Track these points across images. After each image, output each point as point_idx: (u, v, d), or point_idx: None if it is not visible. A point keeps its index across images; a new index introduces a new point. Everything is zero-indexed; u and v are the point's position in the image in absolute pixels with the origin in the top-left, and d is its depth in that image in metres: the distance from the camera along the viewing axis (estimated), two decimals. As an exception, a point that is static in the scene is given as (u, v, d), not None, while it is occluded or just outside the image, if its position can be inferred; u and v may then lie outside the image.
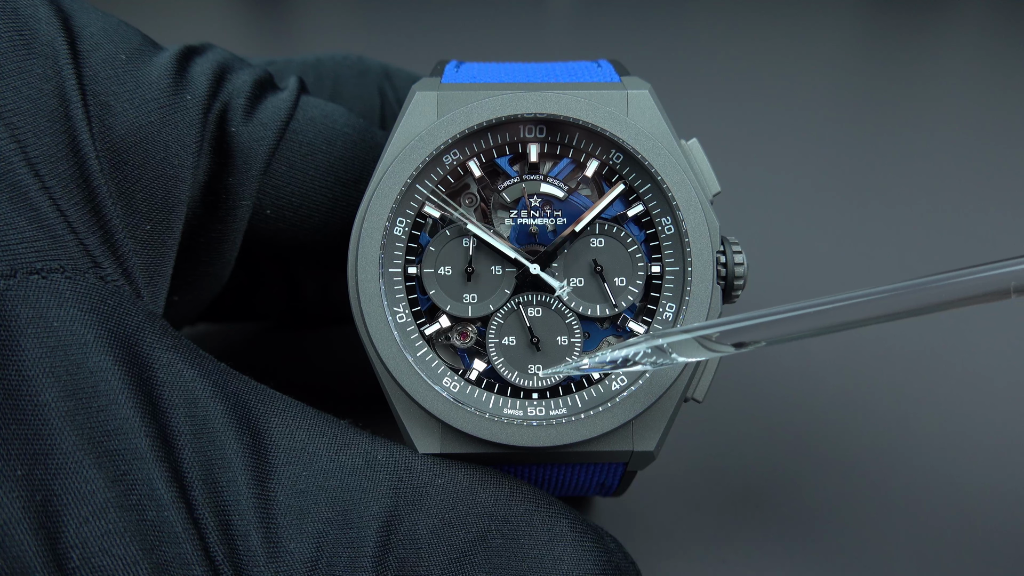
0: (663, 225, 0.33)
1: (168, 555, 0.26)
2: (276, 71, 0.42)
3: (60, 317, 0.27)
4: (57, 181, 0.28)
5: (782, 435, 0.46)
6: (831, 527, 0.40)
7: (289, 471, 0.28)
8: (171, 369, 0.28)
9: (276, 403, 0.30)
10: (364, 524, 0.28)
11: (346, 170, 0.36)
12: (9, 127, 0.28)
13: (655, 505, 0.42)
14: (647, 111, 0.33)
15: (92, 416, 0.26)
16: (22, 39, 0.29)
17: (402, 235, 0.32)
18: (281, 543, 0.27)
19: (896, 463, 0.44)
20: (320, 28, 1.30)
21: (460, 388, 0.32)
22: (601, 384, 0.32)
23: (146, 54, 0.32)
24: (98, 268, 0.29)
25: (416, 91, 0.33)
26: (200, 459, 0.27)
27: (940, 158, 0.80)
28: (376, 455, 0.30)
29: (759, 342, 0.28)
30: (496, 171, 0.33)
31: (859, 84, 1.03)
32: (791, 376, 0.50)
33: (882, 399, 0.48)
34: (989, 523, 0.40)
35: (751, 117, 0.90)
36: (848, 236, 0.66)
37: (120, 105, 0.30)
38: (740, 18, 1.33)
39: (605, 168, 0.33)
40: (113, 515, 0.25)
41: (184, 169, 0.32)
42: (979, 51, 1.18)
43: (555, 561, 0.29)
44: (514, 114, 0.32)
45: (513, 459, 0.32)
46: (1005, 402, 0.48)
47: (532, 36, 1.23)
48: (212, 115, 0.33)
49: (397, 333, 0.31)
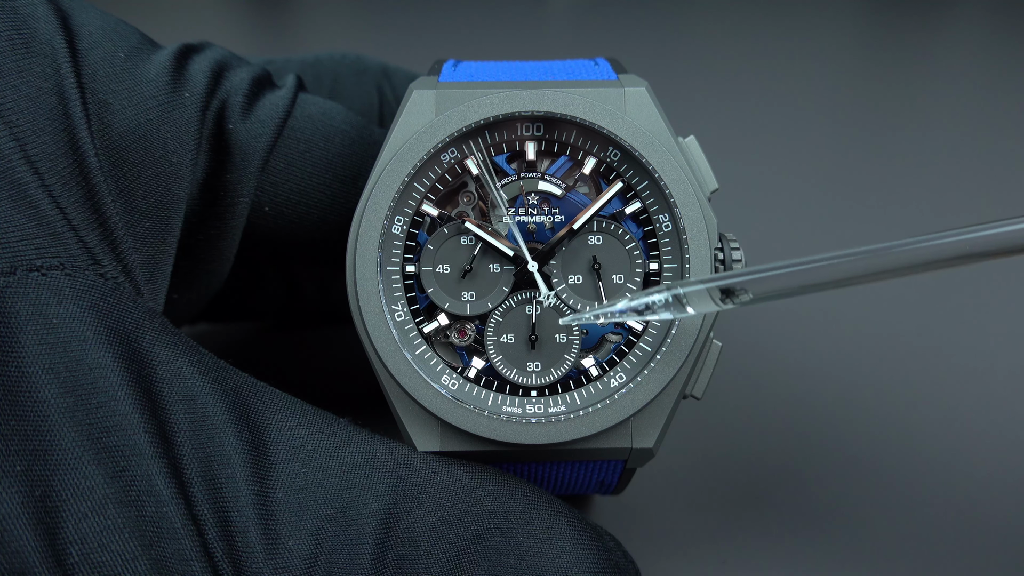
0: (661, 222, 0.33)
1: (167, 551, 0.26)
2: (275, 70, 0.42)
3: (60, 314, 0.27)
4: (56, 179, 0.28)
5: (781, 432, 0.46)
6: (831, 525, 0.40)
7: (288, 468, 0.28)
8: (171, 366, 0.28)
9: (275, 400, 0.30)
10: (363, 521, 0.28)
11: (344, 167, 0.36)
12: (8, 125, 0.28)
13: (654, 504, 0.42)
14: (644, 108, 0.33)
15: (91, 412, 0.26)
16: (21, 38, 0.29)
17: (400, 233, 0.32)
18: (280, 539, 0.27)
19: (897, 461, 0.44)
20: (319, 27, 1.30)
21: (459, 386, 0.32)
22: (600, 381, 0.32)
23: (144, 52, 0.32)
24: (98, 265, 0.29)
25: (413, 90, 0.33)
26: (199, 455, 0.27)
27: (939, 156, 0.80)
28: (375, 453, 0.30)
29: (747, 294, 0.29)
30: (494, 169, 0.33)
31: (857, 81, 1.03)
32: (790, 373, 0.50)
33: (883, 396, 0.48)
34: (991, 520, 0.40)
35: (749, 114, 0.90)
36: (846, 233, 0.66)
37: (119, 103, 0.30)
38: (738, 16, 1.33)
39: (603, 166, 0.33)
40: (112, 511, 0.25)
41: (183, 166, 0.32)
42: (979, 51, 1.18)
43: (554, 559, 0.29)
44: (511, 112, 0.32)
45: (512, 457, 0.32)
46: (1008, 397, 0.48)
47: (530, 35, 1.23)
48: (210, 112, 0.33)
49: (395, 331, 0.31)
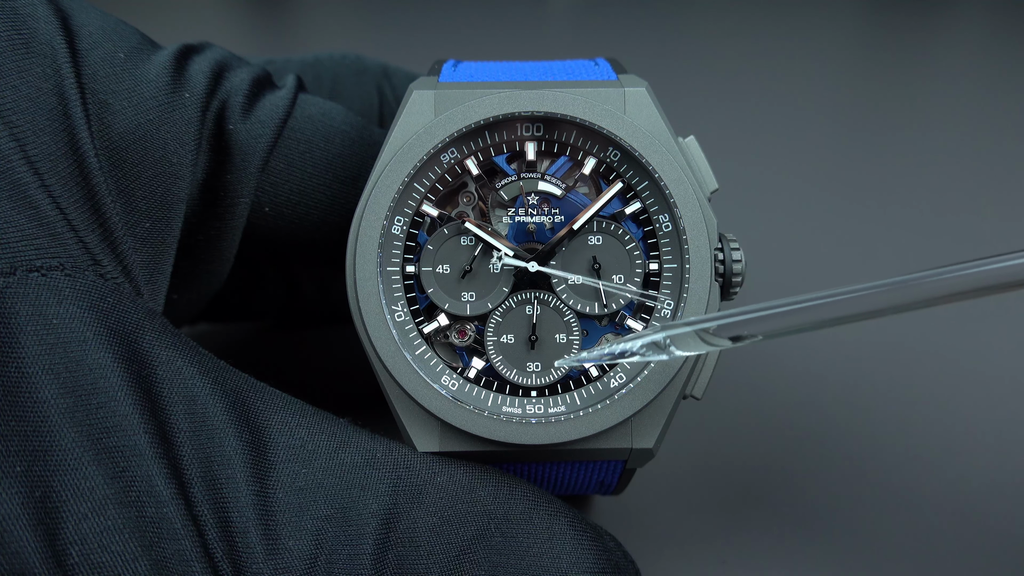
0: (661, 222, 0.33)
1: (167, 551, 0.26)
2: (275, 70, 0.42)
3: (59, 314, 0.27)
4: (56, 179, 0.28)
5: (781, 432, 0.46)
6: (831, 525, 0.40)
7: (288, 468, 0.28)
8: (170, 366, 0.28)
9: (275, 401, 0.30)
10: (363, 522, 0.28)
11: (344, 168, 0.36)
12: (8, 126, 0.28)
13: (654, 504, 0.42)
14: (644, 109, 0.33)
15: (91, 413, 0.26)
16: (21, 38, 0.29)
17: (400, 233, 0.32)
18: (280, 540, 0.27)
19: (896, 461, 0.44)
20: (319, 28, 1.30)
21: (459, 386, 0.32)
22: (600, 382, 0.32)
23: (144, 53, 0.32)
24: (98, 266, 0.29)
25: (413, 90, 0.33)
26: (199, 456, 0.27)
27: (939, 156, 0.80)
28: (375, 453, 0.30)
29: (756, 336, 0.28)
30: (494, 169, 0.33)
31: (857, 81, 1.03)
32: (790, 373, 0.50)
33: (882, 397, 0.48)
34: (991, 520, 0.40)
35: (749, 114, 0.90)
36: (846, 233, 0.66)
37: (119, 103, 0.30)
38: (738, 16, 1.33)
39: (603, 166, 0.33)
40: (112, 511, 0.25)
41: (183, 167, 0.32)
42: (979, 51, 1.18)
43: (554, 559, 0.29)
44: (511, 112, 0.32)
45: (512, 457, 0.32)
46: (1007, 399, 0.48)
47: (530, 35, 1.23)
48: (210, 113, 0.33)
49: (395, 332, 0.31)
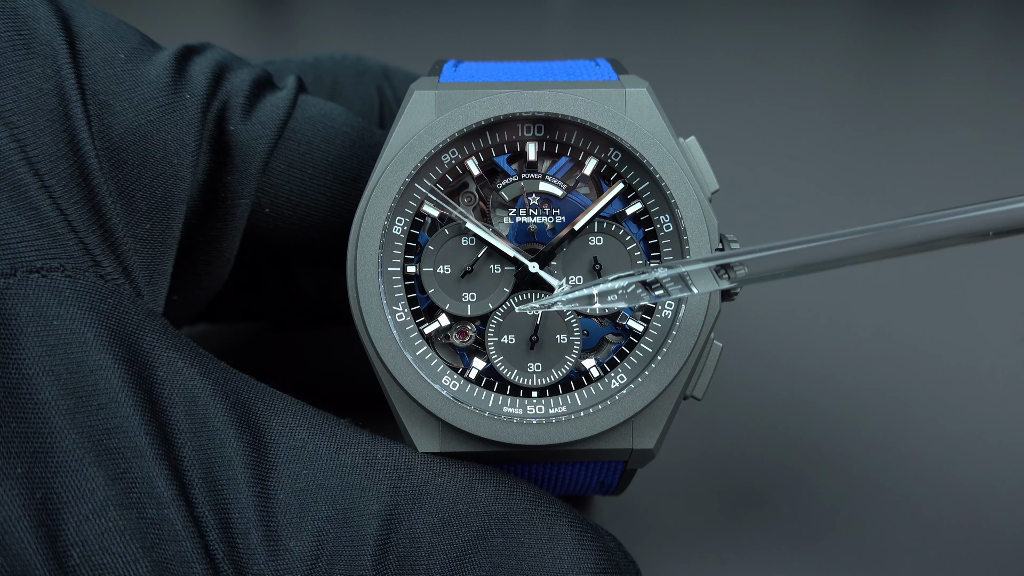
0: (662, 223, 0.33)
1: (168, 553, 0.26)
2: (275, 71, 0.42)
3: (60, 315, 0.27)
4: (57, 180, 0.28)
5: (781, 433, 0.46)
6: (831, 525, 0.40)
7: (289, 469, 0.28)
8: (171, 367, 0.28)
9: (276, 402, 0.30)
10: (364, 522, 0.28)
11: (345, 169, 0.36)
12: (9, 126, 0.28)
13: (655, 504, 0.42)
14: (645, 109, 0.33)
15: (92, 414, 0.26)
16: (21, 39, 0.29)
17: (401, 234, 0.32)
18: (281, 541, 0.27)
19: (897, 461, 0.44)
20: (319, 28, 1.30)
21: (460, 387, 0.32)
22: (600, 382, 0.32)
23: (145, 53, 0.32)
24: (98, 267, 0.29)
25: (414, 90, 0.33)
26: (200, 457, 0.27)
27: (939, 156, 0.80)
28: (376, 454, 0.30)
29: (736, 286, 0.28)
30: (495, 170, 0.33)
31: (857, 81, 1.03)
32: (790, 374, 0.50)
33: (882, 396, 0.48)
34: (991, 521, 0.40)
35: (749, 115, 0.90)
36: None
37: (119, 104, 0.30)
38: (738, 16, 1.33)
39: (604, 166, 0.33)
40: (113, 513, 0.25)
41: (183, 168, 0.32)
42: (979, 51, 1.18)
43: (555, 560, 0.29)
44: (512, 113, 0.32)
45: (513, 458, 0.32)
46: (1007, 399, 0.48)
47: (530, 35, 1.23)
48: (211, 114, 0.33)
49: (396, 332, 0.31)
